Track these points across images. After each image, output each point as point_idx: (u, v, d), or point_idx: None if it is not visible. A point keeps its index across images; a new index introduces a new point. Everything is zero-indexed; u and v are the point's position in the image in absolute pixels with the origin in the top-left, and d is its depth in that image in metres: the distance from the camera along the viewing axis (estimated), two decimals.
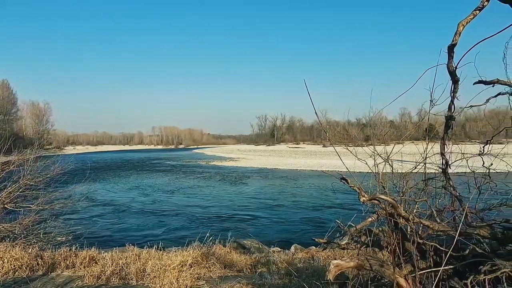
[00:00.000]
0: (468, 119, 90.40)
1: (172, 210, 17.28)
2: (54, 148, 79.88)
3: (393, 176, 3.26)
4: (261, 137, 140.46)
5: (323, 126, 6.04)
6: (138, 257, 5.73)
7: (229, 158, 64.46)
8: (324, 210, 16.55)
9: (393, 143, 3.61)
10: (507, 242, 2.45)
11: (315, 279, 4.28)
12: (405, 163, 3.53)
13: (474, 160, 2.96)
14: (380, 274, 2.39)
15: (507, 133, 2.99)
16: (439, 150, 3.00)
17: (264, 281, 4.93)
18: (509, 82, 2.58)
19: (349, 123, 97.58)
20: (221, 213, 16.37)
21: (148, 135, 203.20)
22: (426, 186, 3.12)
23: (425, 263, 2.53)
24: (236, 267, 5.98)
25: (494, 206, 2.82)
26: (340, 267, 2.33)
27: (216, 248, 6.70)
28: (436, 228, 2.55)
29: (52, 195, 8.22)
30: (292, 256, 7.07)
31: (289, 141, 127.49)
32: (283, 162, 49.97)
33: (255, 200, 19.89)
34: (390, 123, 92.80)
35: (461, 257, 2.42)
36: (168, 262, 5.38)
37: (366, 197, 2.41)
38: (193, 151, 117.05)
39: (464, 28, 2.60)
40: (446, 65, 2.70)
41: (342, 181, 2.45)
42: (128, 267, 5.26)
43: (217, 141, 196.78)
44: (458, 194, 2.91)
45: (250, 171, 38.79)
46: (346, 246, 2.75)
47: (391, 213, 2.46)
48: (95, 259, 5.97)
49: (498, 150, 2.99)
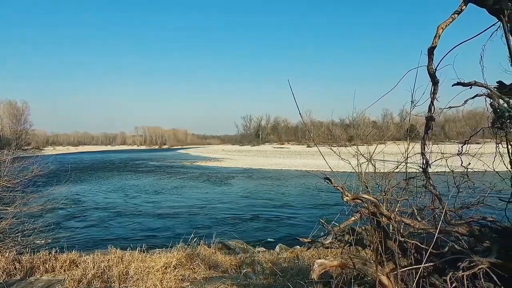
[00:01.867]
0: (447, 120, 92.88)
1: (156, 211, 17.05)
2: (33, 148, 77.19)
3: (375, 175, 3.32)
4: (246, 138, 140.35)
5: (308, 126, 6.08)
6: (120, 259, 5.62)
7: (214, 158, 64.12)
8: (309, 210, 16.68)
9: (375, 143, 3.67)
10: (484, 239, 2.53)
11: (299, 279, 4.30)
12: (387, 162, 3.59)
13: (453, 160, 3.05)
14: (363, 272, 2.42)
15: (484, 133, 3.08)
16: (419, 150, 3.07)
17: (249, 281, 4.92)
18: (485, 84, 2.66)
19: (333, 124, 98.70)
20: (205, 214, 16.27)
21: (131, 135, 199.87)
22: (408, 185, 3.18)
23: (407, 260, 2.58)
24: (221, 267, 5.95)
25: (472, 204, 2.91)
26: (324, 266, 2.35)
27: (200, 249, 6.65)
28: (417, 226, 2.61)
29: (31, 197, 7.98)
30: (277, 256, 7.09)
31: (274, 141, 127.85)
32: (268, 162, 50.09)
33: (240, 201, 19.86)
34: (372, 123, 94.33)
35: (440, 254, 2.48)
36: (151, 264, 5.30)
37: (349, 197, 2.44)
38: (177, 151, 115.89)
39: (443, 31, 2.67)
40: (427, 67, 2.76)
41: (326, 181, 2.47)
42: (110, 270, 5.15)
43: (202, 142, 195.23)
44: (438, 193, 2.99)
45: (235, 172, 38.70)
46: (330, 245, 2.77)
47: (373, 212, 2.50)
48: (76, 263, 5.82)
49: (476, 150, 3.08)
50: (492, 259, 2.23)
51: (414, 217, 2.79)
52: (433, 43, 2.68)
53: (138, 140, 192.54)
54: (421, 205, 3.06)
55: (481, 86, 2.65)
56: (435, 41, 2.67)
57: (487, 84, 2.66)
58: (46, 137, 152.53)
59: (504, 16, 2.41)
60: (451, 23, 2.67)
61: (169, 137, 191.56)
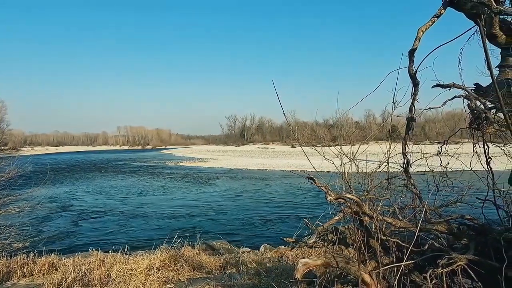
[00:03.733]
0: (427, 121, 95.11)
1: (138, 213, 16.77)
2: (10, 149, 74.65)
3: (358, 175, 3.35)
4: (230, 138, 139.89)
5: (292, 126, 6.11)
6: (102, 262, 5.50)
7: (198, 158, 63.61)
8: (293, 210, 16.77)
9: (358, 143, 3.71)
10: (462, 237, 2.60)
11: (284, 278, 4.32)
12: (370, 162, 3.64)
13: (432, 160, 3.12)
14: (346, 271, 2.44)
15: (462, 134, 3.18)
16: (401, 150, 3.14)
17: (233, 281, 4.91)
18: (463, 86, 2.75)
19: (317, 124, 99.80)
20: (189, 215, 16.13)
21: (113, 135, 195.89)
22: (389, 184, 3.24)
23: (388, 258, 2.62)
24: (205, 268, 5.91)
25: (450, 203, 2.99)
26: (308, 266, 2.36)
27: (184, 250, 6.59)
28: (398, 224, 2.65)
29: (8, 199, 7.72)
30: (261, 256, 7.10)
31: (259, 142, 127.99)
32: (252, 162, 50.08)
33: (224, 201, 19.78)
34: (355, 124, 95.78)
35: (421, 252, 2.53)
36: (134, 266, 5.21)
37: (332, 196, 2.46)
38: (161, 151, 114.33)
39: (423, 34, 2.73)
40: (407, 69, 2.82)
41: (310, 181, 2.48)
42: (91, 273, 5.02)
43: (186, 142, 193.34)
44: (418, 192, 3.06)
45: (219, 172, 38.52)
46: (313, 245, 2.79)
47: (356, 211, 2.53)
48: (56, 266, 5.66)
49: (454, 150, 3.17)
50: (470, 256, 2.30)
51: (396, 216, 2.84)
52: (413, 45, 2.74)
53: (121, 140, 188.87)
54: (402, 204, 3.12)
55: (459, 88, 2.73)
56: (415, 43, 2.73)
57: (465, 86, 2.75)
58: (24, 137, 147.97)
59: (480, 20, 2.49)
60: (431, 26, 2.73)
61: (153, 137, 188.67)
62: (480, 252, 2.39)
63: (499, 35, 2.70)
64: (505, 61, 2.99)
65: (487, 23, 2.63)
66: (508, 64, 2.97)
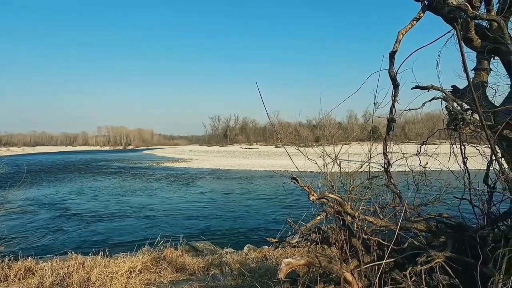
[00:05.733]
0: (407, 122, 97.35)
1: (120, 214, 16.44)
2: None
3: (341, 175, 3.40)
4: (214, 138, 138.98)
5: (276, 127, 6.13)
6: (82, 265, 5.35)
7: (181, 159, 62.94)
8: (277, 210, 16.83)
9: (341, 144, 3.76)
10: (440, 235, 2.67)
11: (267, 278, 4.33)
12: (352, 162, 3.69)
13: (412, 160, 3.20)
14: (329, 270, 2.47)
15: (440, 134, 3.27)
16: (382, 150, 3.20)
17: (217, 283, 4.88)
18: (441, 88, 2.82)
19: (300, 125, 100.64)
20: (172, 216, 15.93)
21: (94, 135, 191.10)
22: (371, 184, 3.30)
23: (370, 257, 2.67)
24: (189, 270, 5.85)
25: (429, 202, 3.07)
26: (291, 265, 2.37)
27: (167, 252, 6.50)
28: (379, 223, 2.70)
29: None
30: (245, 257, 7.08)
31: (243, 142, 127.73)
32: (236, 162, 49.98)
33: (208, 202, 19.65)
34: (338, 124, 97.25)
35: (401, 250, 2.59)
36: (115, 269, 5.10)
37: (315, 196, 2.48)
38: (143, 152, 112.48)
39: (403, 37, 2.79)
40: (388, 71, 2.88)
41: (293, 181, 2.49)
42: (70, 277, 4.88)
43: (169, 142, 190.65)
44: (399, 191, 3.12)
45: (203, 172, 38.25)
46: (297, 244, 2.81)
47: (338, 211, 2.56)
48: (32, 270, 5.47)
49: (433, 150, 3.26)
50: (447, 253, 2.37)
51: (377, 215, 2.89)
52: (394, 47, 2.80)
53: (101, 141, 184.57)
54: (383, 203, 3.18)
55: (438, 90, 2.81)
56: (395, 46, 2.79)
57: (442, 88, 2.83)
58: None
59: (457, 24, 2.56)
60: (410, 29, 2.80)
61: (134, 138, 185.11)
62: (457, 249, 2.47)
63: (475, 39, 2.79)
64: (481, 64, 3.09)
65: (464, 27, 2.72)
66: (483, 67, 3.08)
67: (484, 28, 2.80)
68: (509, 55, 2.57)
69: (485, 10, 2.85)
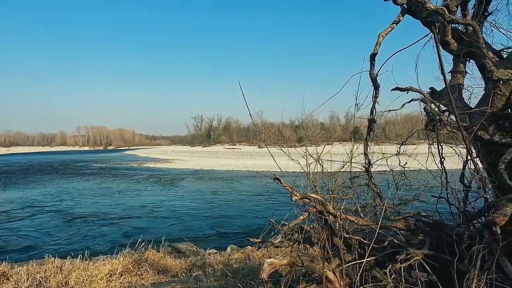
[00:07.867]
0: (387, 122, 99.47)
1: (99, 216, 16.06)
2: None
3: (323, 175, 3.43)
4: (197, 138, 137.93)
5: (259, 127, 6.14)
6: (59, 269, 5.18)
7: (163, 159, 62.09)
8: (260, 210, 16.87)
9: (323, 144, 3.80)
10: (418, 233, 2.74)
11: (250, 279, 4.32)
12: (334, 163, 3.74)
13: (392, 160, 3.27)
14: (311, 269, 2.49)
15: (419, 135, 3.36)
16: (363, 150, 3.25)
17: (199, 284, 4.83)
18: (420, 89, 2.90)
19: (284, 125, 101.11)
20: (154, 217, 15.71)
21: (73, 135, 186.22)
22: (352, 184, 3.35)
23: (351, 256, 2.71)
24: (171, 272, 5.78)
25: (408, 200, 3.14)
26: (274, 265, 2.38)
27: (149, 253, 6.39)
28: (360, 223, 2.75)
29: None
30: (228, 257, 7.06)
31: (226, 142, 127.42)
32: (219, 163, 49.77)
33: (191, 203, 19.48)
34: (320, 125, 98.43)
35: (381, 248, 2.64)
36: (95, 273, 4.98)
37: (298, 196, 2.50)
38: (124, 152, 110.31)
39: (383, 39, 2.85)
40: (369, 72, 2.93)
41: (276, 181, 2.50)
42: (47, 281, 4.73)
43: (151, 142, 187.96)
44: (379, 191, 3.19)
45: (185, 173, 37.88)
46: (279, 244, 2.82)
47: (321, 210, 2.59)
48: (7, 275, 5.25)
49: (412, 150, 3.34)
50: (425, 250, 2.43)
51: (358, 214, 2.94)
52: (374, 50, 2.85)
53: (80, 141, 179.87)
54: (364, 203, 3.24)
55: (416, 91, 2.88)
56: (376, 48, 2.84)
57: (421, 89, 2.90)
58: None
59: (435, 28, 2.64)
60: (391, 32, 2.86)
61: (115, 138, 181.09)
62: (435, 247, 2.53)
63: (452, 42, 2.87)
64: (457, 67, 3.20)
65: (441, 31, 2.80)
66: (460, 70, 3.19)
67: (460, 32, 2.89)
68: (483, 58, 2.66)
69: (461, 14, 2.95)
